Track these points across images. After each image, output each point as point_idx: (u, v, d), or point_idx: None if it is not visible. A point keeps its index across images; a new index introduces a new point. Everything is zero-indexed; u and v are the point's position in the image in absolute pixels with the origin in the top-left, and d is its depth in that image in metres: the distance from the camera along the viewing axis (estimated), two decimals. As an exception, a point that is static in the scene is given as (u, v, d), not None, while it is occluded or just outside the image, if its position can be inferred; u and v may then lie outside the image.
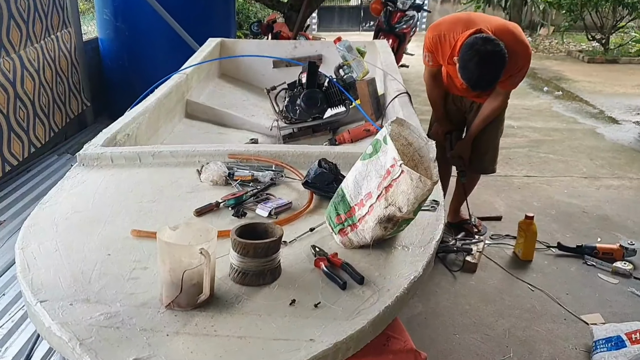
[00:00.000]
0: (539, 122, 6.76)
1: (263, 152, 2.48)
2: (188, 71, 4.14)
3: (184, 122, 3.99)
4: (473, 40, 2.90)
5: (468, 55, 2.89)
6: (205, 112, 4.17)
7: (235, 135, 4.02)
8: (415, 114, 3.05)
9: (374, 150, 1.78)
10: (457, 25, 3.13)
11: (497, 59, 2.89)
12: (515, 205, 4.46)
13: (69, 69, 5.71)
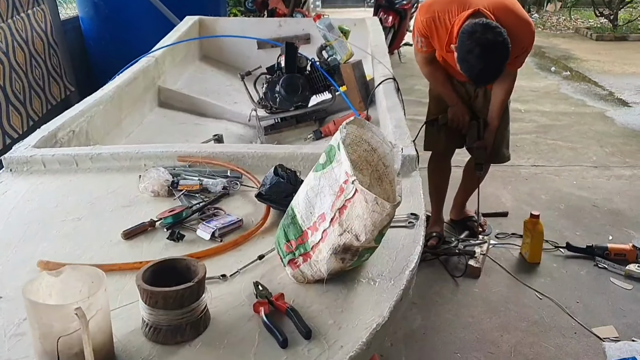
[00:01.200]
0: (547, 105, 6.35)
1: (218, 154, 2.12)
2: (158, 54, 3.78)
3: (156, 112, 3.65)
4: (472, 27, 2.51)
5: (467, 46, 2.51)
6: (180, 100, 3.82)
7: (214, 125, 3.67)
8: (402, 104, 2.68)
9: (327, 160, 1.42)
10: (451, 4, 2.72)
11: (501, 49, 2.51)
12: (523, 198, 4.08)
13: (46, 50, 5.28)
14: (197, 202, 1.84)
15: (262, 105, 3.46)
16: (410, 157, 2.04)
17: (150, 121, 3.49)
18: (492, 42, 2.48)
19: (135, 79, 3.36)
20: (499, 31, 2.48)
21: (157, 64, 3.71)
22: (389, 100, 2.68)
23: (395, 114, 2.49)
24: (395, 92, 2.81)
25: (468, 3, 2.68)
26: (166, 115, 3.68)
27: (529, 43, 2.80)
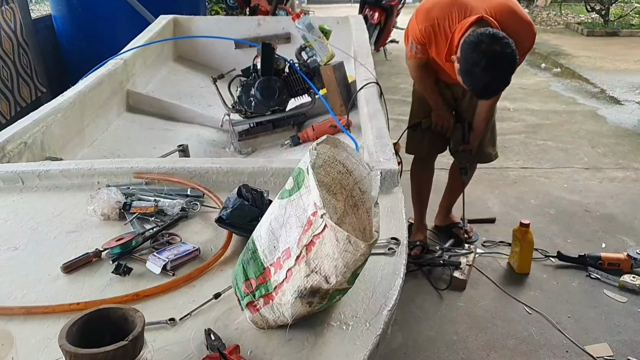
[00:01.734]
0: (537, 104, 6.18)
1: (178, 170, 1.92)
2: (128, 56, 3.57)
3: (124, 117, 3.43)
4: (477, 37, 2.31)
5: (473, 58, 2.31)
6: (150, 104, 3.61)
7: (184, 131, 3.47)
8: (384, 111, 2.49)
9: (295, 185, 1.23)
10: (451, 10, 2.51)
11: (508, 61, 2.31)
12: (511, 203, 3.91)
13: (16, 51, 5.08)
14: (151, 227, 1.65)
15: (235, 110, 3.27)
16: (391, 172, 1.86)
17: (116, 127, 3.28)
18: (499, 54, 2.28)
19: (101, 84, 3.15)
20: (506, 42, 2.28)
21: (125, 66, 3.51)
22: (370, 106, 2.49)
23: (376, 121, 2.31)
24: (378, 97, 2.62)
25: (469, 8, 2.48)
26: (134, 120, 3.47)
27: (530, 45, 2.63)
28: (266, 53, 3.15)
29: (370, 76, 2.83)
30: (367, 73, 2.87)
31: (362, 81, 2.81)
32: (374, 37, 7.57)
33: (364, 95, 2.66)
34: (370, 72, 2.86)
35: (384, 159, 1.94)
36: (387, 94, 6.15)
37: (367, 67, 2.91)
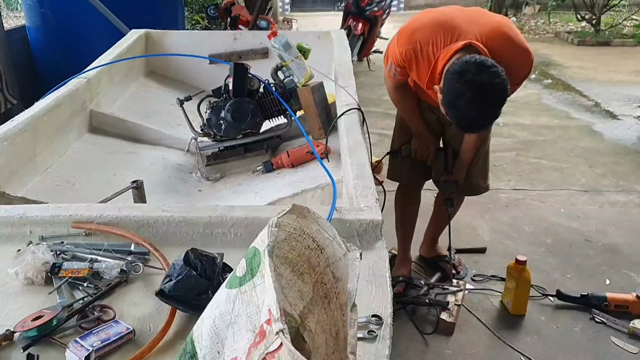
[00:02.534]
0: (528, 118, 5.93)
1: (123, 220, 1.63)
2: (92, 74, 3.28)
3: (85, 139, 3.14)
4: (462, 66, 2.04)
5: (457, 89, 2.05)
6: (114, 125, 3.33)
7: (150, 154, 3.20)
8: (366, 143, 2.22)
9: (248, 272, 0.95)
10: (437, 34, 2.25)
11: (497, 93, 2.04)
12: (503, 230, 3.66)
13: None
14: (82, 296, 1.36)
15: (203, 133, 2.99)
16: (374, 223, 1.59)
17: (75, 151, 2.98)
18: (487, 84, 2.01)
19: (59, 105, 2.86)
20: (495, 71, 2.01)
21: (89, 85, 3.22)
22: (351, 137, 2.22)
23: (357, 157, 2.04)
24: (360, 125, 2.35)
25: (458, 32, 2.22)
26: (97, 142, 3.18)
27: (526, 74, 2.37)
28: (238, 73, 2.88)
29: (352, 101, 2.56)
30: (349, 97, 2.59)
31: (343, 106, 2.54)
32: (357, 48, 7.34)
33: (345, 122, 2.38)
34: (351, 97, 2.58)
35: (365, 206, 1.67)
36: (370, 106, 5.94)
37: (348, 91, 2.64)
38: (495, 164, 4.61)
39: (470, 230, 3.65)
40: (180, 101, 2.93)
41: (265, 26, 7.89)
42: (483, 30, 2.22)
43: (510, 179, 4.39)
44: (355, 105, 2.50)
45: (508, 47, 2.23)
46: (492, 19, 2.37)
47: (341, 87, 2.72)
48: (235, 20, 7.87)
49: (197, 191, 2.96)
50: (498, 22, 2.33)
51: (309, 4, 15.54)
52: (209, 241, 1.58)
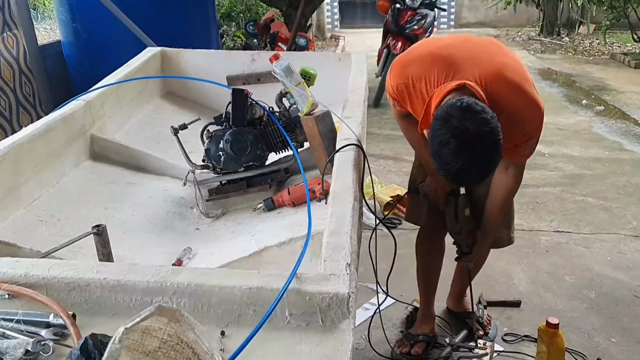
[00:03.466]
0: (576, 149, 5.45)
1: (51, 281, 1.37)
2: (93, 96, 3.08)
3: (84, 167, 2.93)
4: (446, 111, 1.77)
5: (440, 137, 1.77)
6: (117, 151, 3.12)
7: (150, 185, 2.97)
8: (354, 189, 1.88)
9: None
10: (430, 70, 1.98)
11: (485, 143, 1.75)
12: (541, 280, 3.25)
13: (17, 78, 4.80)
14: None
15: (202, 165, 2.74)
16: (339, 297, 1.27)
17: (70, 181, 2.77)
18: (472, 133, 1.72)
19: (51, 130, 2.66)
20: (484, 118, 1.73)
21: (90, 108, 3.01)
22: (339, 181, 1.90)
23: (339, 206, 1.73)
24: (353, 165, 2.03)
25: (455, 70, 1.93)
26: (95, 171, 2.96)
27: (534, 129, 2.02)
28: (238, 101, 2.63)
29: (352, 135, 2.24)
30: (349, 131, 2.28)
31: (341, 141, 2.23)
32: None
33: (339, 161, 2.07)
34: (352, 131, 2.27)
35: (332, 274, 1.35)
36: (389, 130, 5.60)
37: (349, 125, 2.32)
38: (538, 200, 4.22)
39: (505, 279, 3.26)
40: (174, 130, 2.69)
41: (304, 44, 7.68)
42: (484, 71, 1.92)
43: (552, 219, 3.97)
44: (354, 140, 2.19)
45: (511, 94, 1.93)
46: (498, 58, 2.01)
47: (340, 119, 2.41)
48: (274, 37, 7.69)
49: (194, 230, 2.70)
50: (504, 63, 1.99)
51: (359, 20, 15.28)
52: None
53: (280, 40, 7.61)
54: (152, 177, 3.05)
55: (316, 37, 11.96)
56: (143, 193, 2.88)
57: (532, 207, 4.12)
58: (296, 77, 2.57)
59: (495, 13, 14.06)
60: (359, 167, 2.08)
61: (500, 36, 12.98)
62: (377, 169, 4.98)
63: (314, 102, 2.58)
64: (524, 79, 1.97)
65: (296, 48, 7.49)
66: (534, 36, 12.77)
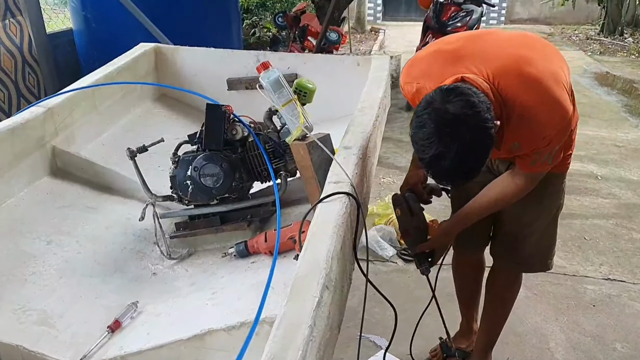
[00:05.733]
0: (636, 172, 4.72)
1: None
2: (55, 102, 2.61)
3: (40, 185, 2.48)
4: (432, 94, 1.56)
5: (418, 120, 1.56)
6: (82, 167, 2.66)
7: (112, 211, 2.52)
8: (335, 289, 1.36)
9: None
10: (433, 66, 1.76)
11: (465, 129, 1.49)
12: (584, 346, 2.66)
13: (19, 69, 4.47)
14: None
15: (166, 196, 2.25)
16: None
17: (16, 204, 2.31)
18: (451, 115, 1.49)
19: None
20: (469, 100, 1.49)
21: (50, 116, 2.56)
22: (306, 258, 1.37)
23: (295, 304, 1.22)
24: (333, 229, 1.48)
25: (457, 63, 1.69)
26: (53, 191, 2.51)
27: (554, 133, 1.68)
28: (212, 119, 2.11)
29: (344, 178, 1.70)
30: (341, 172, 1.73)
31: (330, 184, 1.69)
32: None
33: (317, 221, 1.53)
34: (344, 172, 1.72)
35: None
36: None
37: (341, 165, 1.77)
38: (586, 236, 3.59)
39: (538, 340, 2.69)
40: (131, 153, 2.21)
41: (336, 39, 7.10)
42: (495, 64, 1.65)
43: (602, 263, 3.33)
44: (347, 185, 1.65)
45: (525, 89, 1.62)
46: (521, 52, 1.70)
47: (331, 156, 1.86)
48: (304, 30, 7.13)
49: (150, 275, 2.21)
50: (526, 57, 1.68)
51: (403, 12, 14.60)
52: None
53: (310, 34, 7.05)
54: (116, 201, 2.58)
55: (354, 30, 11.35)
56: (100, 222, 2.41)
57: (578, 245, 3.49)
58: (286, 93, 2.05)
59: (551, 9, 13.15)
60: (346, 226, 1.54)
61: (554, 34, 12.10)
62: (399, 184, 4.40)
63: (307, 125, 2.05)
64: (550, 76, 1.64)
65: (327, 43, 6.94)
66: (593, 35, 11.81)
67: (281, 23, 7.37)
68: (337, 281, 1.38)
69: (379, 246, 3.47)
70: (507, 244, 2.19)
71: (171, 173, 2.20)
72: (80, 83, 2.89)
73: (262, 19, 8.99)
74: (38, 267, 2.06)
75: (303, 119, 2.01)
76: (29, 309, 1.88)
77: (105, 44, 4.85)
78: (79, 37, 5.16)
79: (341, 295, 1.47)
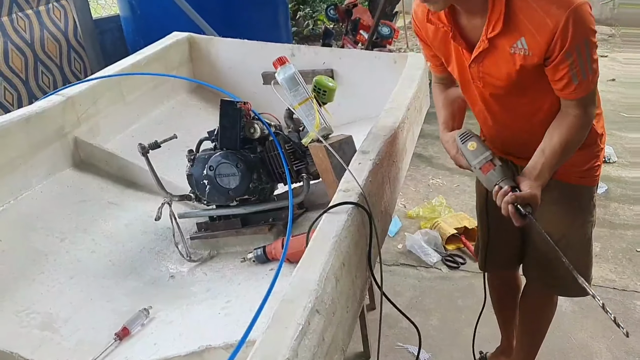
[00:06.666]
0: None
1: None
2: (76, 91, 2.53)
3: (61, 177, 2.43)
4: None
5: None
6: (106, 160, 2.58)
7: (133, 208, 2.45)
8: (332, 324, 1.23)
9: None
10: None
11: None
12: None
13: (64, 54, 4.53)
14: None
15: (182, 196, 2.14)
16: None
17: (35, 197, 2.26)
18: None
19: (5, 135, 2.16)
20: None
21: (71, 105, 2.49)
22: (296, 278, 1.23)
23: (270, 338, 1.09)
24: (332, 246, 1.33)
25: None
26: (74, 183, 2.45)
27: (563, 16, 1.41)
28: (227, 116, 1.99)
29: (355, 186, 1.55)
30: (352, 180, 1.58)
31: (340, 192, 1.54)
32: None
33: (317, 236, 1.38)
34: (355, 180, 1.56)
35: None
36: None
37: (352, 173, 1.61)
38: (638, 249, 3.32)
39: (582, 358, 2.51)
40: (143, 149, 2.10)
41: (388, 34, 6.89)
42: None
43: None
44: (355, 194, 1.49)
45: None
46: None
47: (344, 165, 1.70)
48: (356, 24, 6.97)
49: (168, 277, 2.11)
50: None
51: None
52: None
53: (362, 27, 6.88)
54: (140, 197, 2.50)
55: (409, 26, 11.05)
56: (120, 219, 2.34)
57: (629, 257, 3.24)
58: (302, 91, 1.91)
59: (612, 10, 12.51)
60: (351, 239, 1.39)
61: (615, 35, 11.51)
62: (449, 186, 4.23)
63: (324, 126, 1.91)
64: None
65: (378, 37, 6.76)
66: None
67: (333, 16, 7.22)
68: (337, 302, 1.24)
69: (422, 252, 3.31)
70: (539, 265, 2.00)
71: (187, 171, 2.10)
72: (104, 72, 2.81)
73: (318, 10, 8.83)
74: (48, 266, 2.00)
75: (319, 121, 1.86)
76: (34, 312, 1.81)
77: (150, 30, 4.77)
78: (125, 23, 5.14)
79: (346, 316, 1.33)
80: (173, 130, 2.97)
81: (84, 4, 4.81)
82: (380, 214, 1.75)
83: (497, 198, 1.57)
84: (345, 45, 6.92)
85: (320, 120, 1.87)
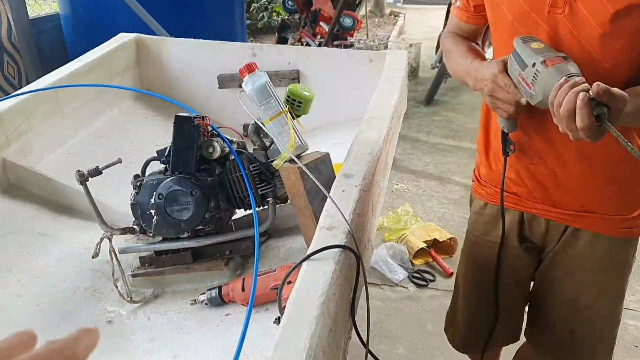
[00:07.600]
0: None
1: None
2: (3, 107, 2.18)
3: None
4: None
5: None
6: (38, 184, 2.23)
7: (68, 241, 2.09)
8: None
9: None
10: None
11: None
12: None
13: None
14: None
15: (125, 229, 1.80)
16: None
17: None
18: None
19: None
20: None
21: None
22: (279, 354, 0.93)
23: None
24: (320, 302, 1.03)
25: None
26: (1, 211, 2.08)
27: None
28: (183, 135, 1.66)
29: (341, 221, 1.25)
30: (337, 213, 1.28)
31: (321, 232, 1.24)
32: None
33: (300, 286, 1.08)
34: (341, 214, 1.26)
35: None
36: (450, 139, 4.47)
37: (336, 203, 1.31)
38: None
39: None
40: (82, 176, 1.74)
41: (350, 25, 6.63)
42: None
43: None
44: (343, 236, 1.19)
45: None
46: None
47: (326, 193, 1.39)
48: (316, 15, 6.67)
49: (105, 323, 1.77)
50: None
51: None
52: None
53: (322, 19, 6.59)
54: (76, 225, 2.15)
55: (372, 14, 10.80)
56: (52, 253, 1.99)
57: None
58: (274, 104, 1.59)
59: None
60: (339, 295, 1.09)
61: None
62: (415, 192, 3.94)
63: (299, 144, 1.60)
64: None
65: (340, 29, 6.47)
66: None
67: (291, 7, 6.91)
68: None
69: (388, 268, 3.00)
70: (557, 334, 1.65)
71: (132, 200, 1.75)
72: (38, 83, 2.44)
73: (273, 1, 8.49)
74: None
75: (294, 140, 1.55)
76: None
77: (92, 31, 4.41)
78: (65, 22, 4.73)
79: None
80: (115, 145, 2.66)
81: (20, 3, 4.40)
82: (364, 249, 1.46)
83: (559, 92, 1.09)
84: (303, 38, 6.62)
85: (296, 138, 1.56)
